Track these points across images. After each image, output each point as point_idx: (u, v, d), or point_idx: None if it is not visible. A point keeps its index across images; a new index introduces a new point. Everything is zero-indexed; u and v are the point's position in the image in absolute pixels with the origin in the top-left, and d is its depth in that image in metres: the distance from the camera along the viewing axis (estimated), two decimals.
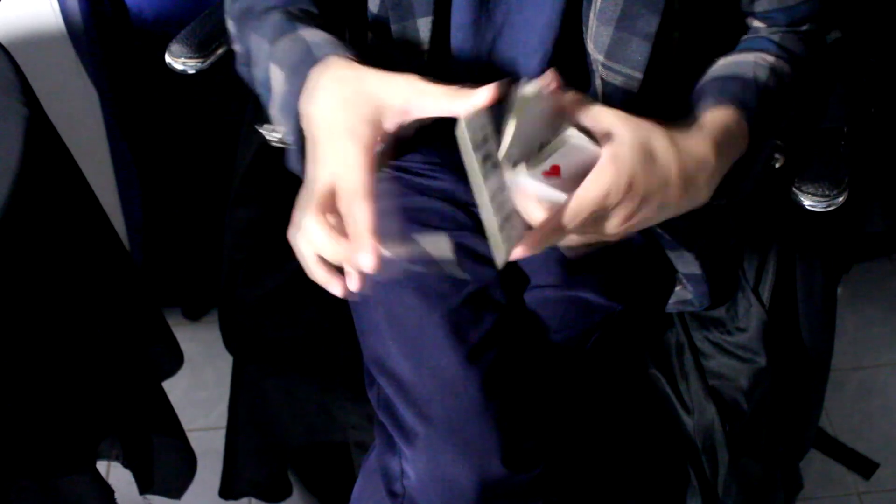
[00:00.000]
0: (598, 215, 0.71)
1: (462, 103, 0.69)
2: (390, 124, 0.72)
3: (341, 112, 0.72)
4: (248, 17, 0.88)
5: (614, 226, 0.72)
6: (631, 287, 1.00)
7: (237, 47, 0.90)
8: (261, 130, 0.97)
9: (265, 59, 0.82)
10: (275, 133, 0.97)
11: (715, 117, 0.78)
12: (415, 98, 0.71)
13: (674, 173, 0.72)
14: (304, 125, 0.76)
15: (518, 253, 0.70)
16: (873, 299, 1.82)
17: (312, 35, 0.80)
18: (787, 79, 0.85)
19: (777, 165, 0.93)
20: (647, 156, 0.71)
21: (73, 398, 1.00)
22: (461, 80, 0.91)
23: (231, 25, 0.92)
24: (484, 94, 0.68)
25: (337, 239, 0.70)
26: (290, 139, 0.80)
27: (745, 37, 0.90)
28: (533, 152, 0.72)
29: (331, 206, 0.71)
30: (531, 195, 0.70)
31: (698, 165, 0.74)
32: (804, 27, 0.89)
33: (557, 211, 0.69)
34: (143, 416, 1.15)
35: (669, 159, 0.72)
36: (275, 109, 0.82)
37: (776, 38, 0.88)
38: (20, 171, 0.87)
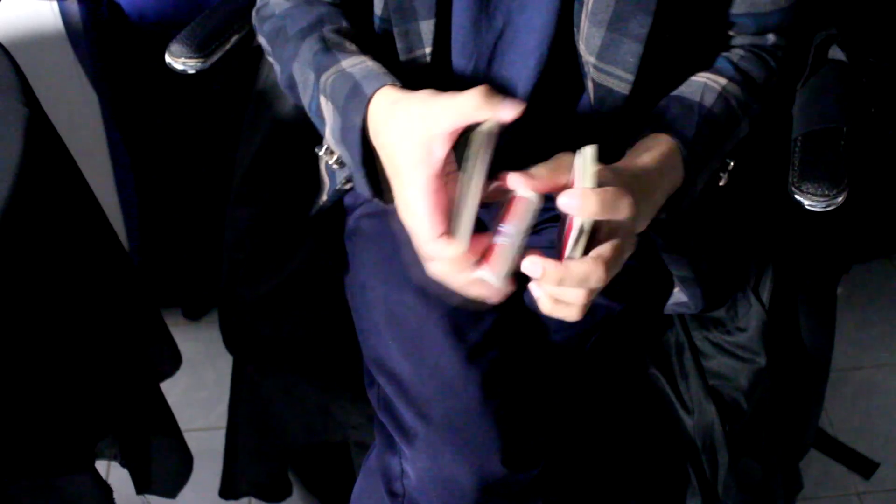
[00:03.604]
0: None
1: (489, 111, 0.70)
2: (441, 149, 0.72)
3: (399, 148, 0.74)
4: (280, 39, 0.90)
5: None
6: (631, 287, 1.00)
7: (274, 64, 0.93)
8: (318, 153, 0.99)
9: (313, 90, 0.84)
10: (332, 156, 0.99)
11: (650, 144, 0.80)
12: (452, 118, 0.71)
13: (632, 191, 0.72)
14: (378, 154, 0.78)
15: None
16: (873, 299, 1.82)
17: (354, 66, 0.82)
18: (736, 102, 0.87)
19: (721, 183, 0.94)
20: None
21: (71, 398, 1.00)
22: (462, 81, 0.92)
23: (263, 42, 0.95)
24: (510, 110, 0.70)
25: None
26: (351, 167, 0.82)
27: (719, 53, 0.91)
28: None
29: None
30: None
31: (646, 185, 0.76)
32: (770, 39, 0.90)
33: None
34: (141, 416, 1.15)
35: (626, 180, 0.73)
36: (329, 137, 0.85)
37: (736, 58, 0.89)
38: (20, 171, 0.87)
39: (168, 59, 1.05)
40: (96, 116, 1.48)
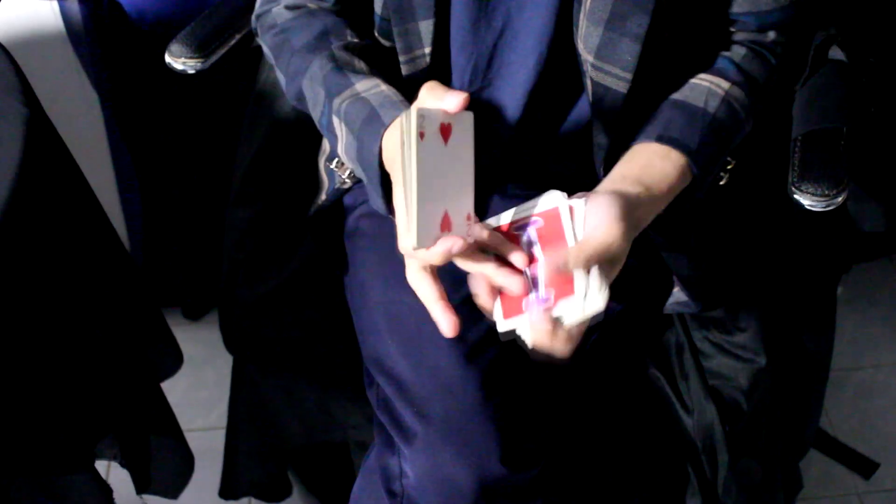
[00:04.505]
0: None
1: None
2: None
3: None
4: (286, 52, 0.92)
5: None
6: (630, 287, 1.00)
7: (278, 75, 0.94)
8: (332, 167, 1.00)
9: (325, 109, 0.87)
10: (344, 169, 1.01)
11: (653, 160, 0.82)
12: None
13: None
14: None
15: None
16: (873, 299, 1.82)
17: (369, 90, 0.84)
18: (739, 105, 0.87)
19: (721, 183, 0.94)
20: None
21: (72, 398, 1.00)
22: (461, 82, 0.92)
23: (266, 51, 0.96)
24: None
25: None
26: (368, 185, 0.85)
27: (721, 52, 0.91)
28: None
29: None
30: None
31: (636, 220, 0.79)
32: (771, 35, 0.90)
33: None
34: (142, 416, 1.15)
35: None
36: (342, 153, 0.87)
37: (737, 58, 0.89)
38: (20, 171, 0.87)
39: (168, 59, 1.05)
40: (96, 116, 1.48)
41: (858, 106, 1.06)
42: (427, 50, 0.88)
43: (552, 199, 0.78)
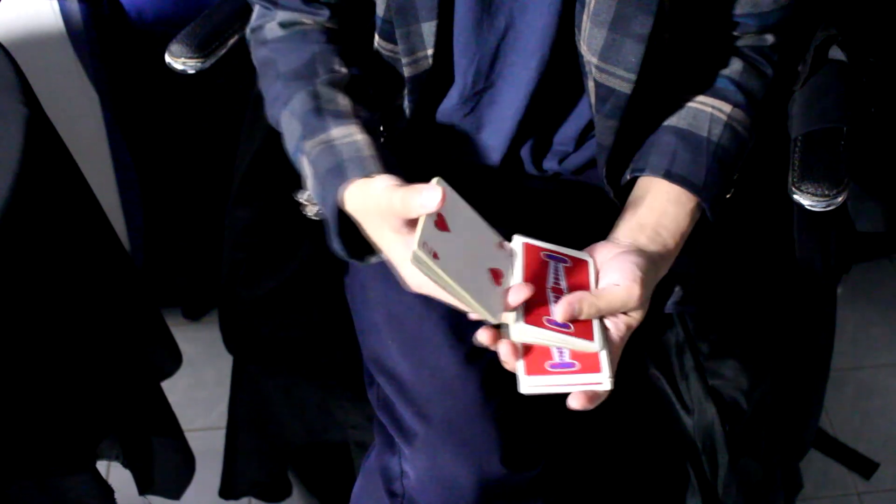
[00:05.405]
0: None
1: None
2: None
3: (384, 243, 0.79)
4: (270, 74, 0.90)
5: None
6: None
7: (262, 91, 0.93)
8: (298, 199, 1.00)
9: (296, 146, 0.85)
10: (312, 207, 1.01)
11: (667, 208, 0.85)
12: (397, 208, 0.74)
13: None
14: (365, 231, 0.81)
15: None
16: (873, 299, 1.82)
17: (343, 139, 0.82)
18: (742, 128, 0.88)
19: (727, 196, 0.95)
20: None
21: (72, 398, 1.00)
22: (463, 83, 0.92)
23: (256, 65, 0.94)
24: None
25: None
26: (328, 222, 0.83)
27: (720, 71, 0.91)
28: None
29: None
30: None
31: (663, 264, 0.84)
32: (769, 39, 0.90)
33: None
34: (142, 416, 1.15)
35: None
36: (310, 190, 0.85)
37: (737, 75, 0.90)
38: (20, 171, 0.87)
39: (168, 59, 1.05)
40: (96, 116, 1.48)
41: (858, 106, 1.06)
42: (430, 51, 0.88)
43: (585, 255, 0.81)
